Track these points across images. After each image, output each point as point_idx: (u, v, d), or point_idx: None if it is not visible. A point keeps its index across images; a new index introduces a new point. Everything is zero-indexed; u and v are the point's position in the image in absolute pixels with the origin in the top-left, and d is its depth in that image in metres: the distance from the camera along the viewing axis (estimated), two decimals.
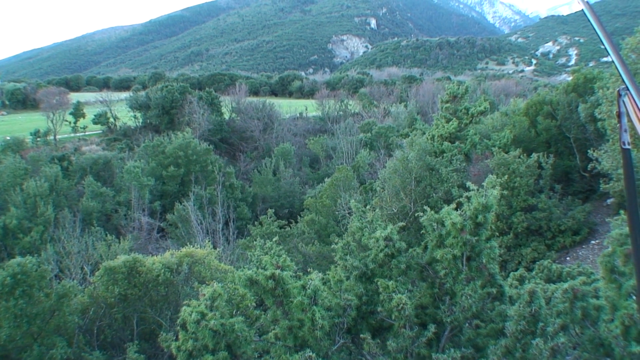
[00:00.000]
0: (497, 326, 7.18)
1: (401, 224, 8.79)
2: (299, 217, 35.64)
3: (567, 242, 23.33)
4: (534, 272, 14.99)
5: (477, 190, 7.09)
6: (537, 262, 15.96)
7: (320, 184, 43.01)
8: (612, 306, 7.03)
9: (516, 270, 17.47)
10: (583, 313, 7.00)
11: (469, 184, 7.18)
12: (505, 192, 23.45)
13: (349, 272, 8.43)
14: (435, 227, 7.49)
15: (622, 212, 10.37)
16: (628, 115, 1.78)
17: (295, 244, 27.23)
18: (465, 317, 7.18)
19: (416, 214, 9.78)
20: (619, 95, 1.76)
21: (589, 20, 1.93)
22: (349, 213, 27.32)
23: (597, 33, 1.90)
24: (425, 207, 7.71)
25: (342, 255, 8.62)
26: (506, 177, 22.96)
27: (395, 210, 24.68)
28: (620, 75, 1.79)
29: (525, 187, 23.63)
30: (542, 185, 25.02)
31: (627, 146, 1.83)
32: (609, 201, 24.94)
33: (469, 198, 7.15)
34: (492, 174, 8.02)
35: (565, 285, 7.35)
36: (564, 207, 24.49)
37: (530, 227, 23.74)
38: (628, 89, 1.72)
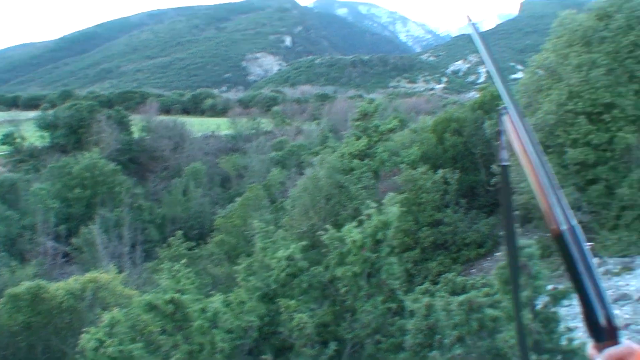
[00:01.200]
0: (396, 340, 7.33)
1: (303, 242, 8.87)
2: (209, 238, 35.27)
3: (472, 255, 23.96)
4: (439, 286, 15.34)
5: (377, 207, 7.24)
6: (443, 276, 16.33)
7: (231, 204, 42.75)
8: (508, 317, 7.28)
9: (422, 284, 17.83)
10: (479, 324, 7.22)
11: (368, 202, 7.34)
12: (412, 207, 23.93)
13: (251, 293, 8.43)
14: (337, 245, 7.60)
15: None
16: (508, 134, 1.89)
17: (204, 266, 26.94)
18: (366, 333, 7.30)
19: (317, 233, 9.89)
20: (499, 114, 1.88)
21: (474, 42, 2.07)
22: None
23: (481, 54, 2.03)
24: (326, 226, 7.82)
25: (244, 277, 8.62)
26: (413, 192, 23.47)
27: (305, 229, 24.77)
28: (501, 95, 1.91)
29: (432, 202, 24.17)
30: (448, 200, 25.61)
31: (505, 163, 1.96)
32: (515, 214, 25.73)
33: (369, 215, 7.29)
34: (396, 191, 8.21)
35: (462, 298, 7.57)
36: (469, 221, 25.14)
37: (436, 242, 24.26)
38: (507, 109, 1.84)
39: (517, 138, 1.75)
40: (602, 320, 1.45)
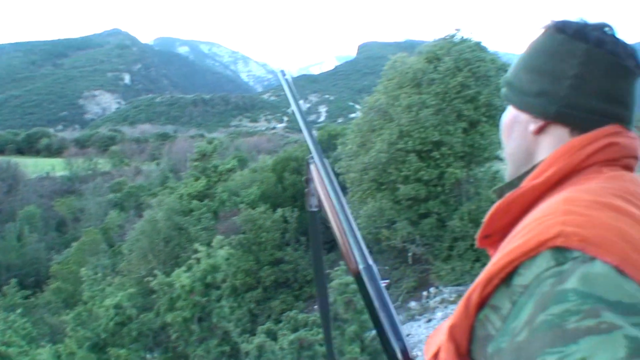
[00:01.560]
0: None
1: (131, 290, 8.61)
2: (45, 285, 33.63)
3: (314, 292, 24.25)
4: (282, 324, 15.38)
5: (206, 251, 7.17)
6: (285, 314, 16.41)
7: (68, 249, 40.99)
8: (339, 351, 7.39)
9: (264, 324, 17.80)
10: None
11: (196, 245, 7.25)
12: (253, 247, 23.98)
13: (81, 343, 8.08)
14: (166, 290, 7.45)
15: (342, 262, 11.00)
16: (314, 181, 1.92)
17: (41, 315, 25.63)
18: None
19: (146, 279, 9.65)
20: (308, 164, 1.90)
21: (285, 92, 2.07)
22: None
23: (291, 104, 2.04)
24: (156, 271, 7.64)
25: (73, 326, 8.26)
26: (253, 232, 23.55)
27: (144, 273, 24.13)
28: (309, 145, 1.93)
29: (272, 241, 24.33)
30: (289, 239, 25.90)
31: (313, 209, 1.98)
32: None
33: (198, 260, 7.21)
34: (236, 231, 8.16)
35: (292, 337, 7.62)
36: (310, 258, 25.47)
37: (278, 280, 24.40)
38: (312, 158, 1.87)
39: (321, 185, 1.79)
40: (399, 355, 1.48)
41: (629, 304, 0.91)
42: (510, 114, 1.45)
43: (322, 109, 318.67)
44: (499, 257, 1.11)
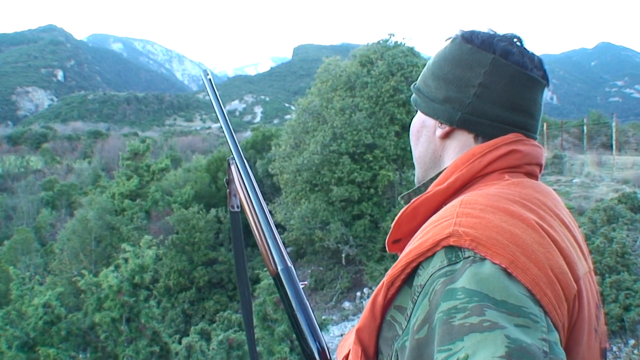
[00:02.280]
0: None
1: (60, 289, 8.55)
2: None
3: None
4: (215, 324, 15.36)
5: (134, 251, 7.18)
6: (219, 314, 16.39)
7: (0, 247, 39.93)
8: (269, 351, 7.48)
9: (198, 324, 17.73)
10: None
11: (124, 245, 7.25)
12: (186, 247, 23.83)
13: (10, 343, 8.00)
14: (94, 290, 7.43)
15: None
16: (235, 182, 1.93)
17: None
18: None
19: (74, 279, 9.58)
20: (229, 164, 1.93)
21: (208, 92, 2.09)
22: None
23: (213, 105, 2.06)
24: (83, 271, 7.62)
25: (2, 326, 8.16)
26: (186, 232, 23.42)
27: (75, 273, 23.75)
28: (230, 146, 1.96)
29: (206, 241, 24.21)
30: (222, 239, 25.82)
31: (235, 209, 1.98)
32: (288, 250, 26.37)
33: (126, 259, 7.21)
34: (169, 231, 8.17)
35: (221, 336, 7.68)
36: (232, 258, 25.45)
37: (212, 280, 24.29)
38: (233, 159, 1.89)
39: (241, 187, 1.85)
40: (316, 354, 1.54)
41: (513, 305, 0.94)
42: (418, 119, 1.49)
43: (258, 110, 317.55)
44: (399, 260, 1.17)
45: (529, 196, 1.20)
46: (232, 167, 1.86)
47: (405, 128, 21.82)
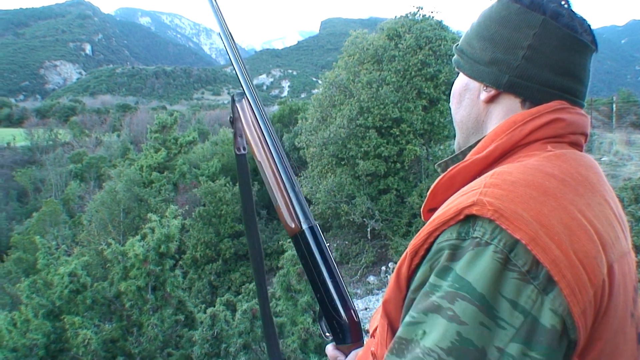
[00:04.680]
0: (185, 352, 7.36)
1: (85, 258, 8.67)
2: (5, 255, 33.23)
3: (274, 265, 24.35)
4: (241, 296, 15.50)
5: (159, 220, 7.24)
6: (244, 286, 16.53)
7: (29, 220, 40.47)
8: (292, 322, 7.53)
9: (224, 295, 17.91)
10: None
11: (150, 214, 7.32)
12: (213, 219, 23.99)
13: (36, 311, 8.14)
14: (120, 259, 7.52)
15: None
16: (243, 121, 1.75)
17: (2, 285, 25.39)
18: (155, 347, 7.25)
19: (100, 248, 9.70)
20: (234, 100, 1.84)
21: (215, 16, 1.96)
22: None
23: (220, 36, 1.95)
24: (110, 239, 7.71)
25: (28, 294, 8.30)
26: (213, 204, 23.57)
27: (103, 244, 24.03)
28: (239, 81, 1.85)
29: (232, 214, 24.33)
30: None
31: (241, 152, 1.87)
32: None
33: (152, 229, 7.28)
34: (196, 203, 8.22)
35: (245, 306, 7.72)
36: (270, 231, 25.60)
37: (238, 253, 24.46)
38: (245, 94, 1.79)
39: (255, 128, 1.74)
40: (345, 320, 1.52)
41: (488, 304, 0.96)
42: (461, 82, 1.44)
43: (285, 84, 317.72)
44: (422, 229, 1.16)
45: (569, 170, 1.16)
46: (238, 105, 1.79)
47: (433, 102, 21.69)
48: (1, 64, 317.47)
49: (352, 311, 1.55)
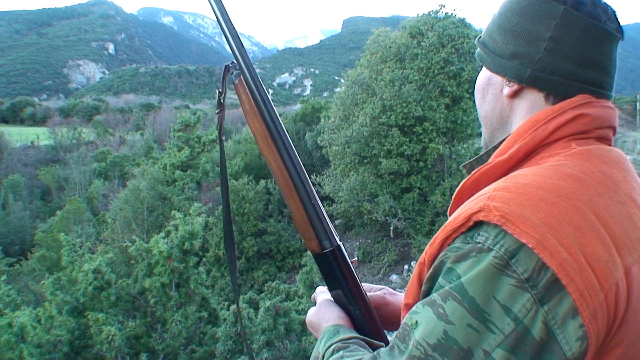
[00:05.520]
0: (209, 348, 7.39)
1: (109, 255, 8.73)
2: (30, 253, 33.57)
3: (297, 263, 24.41)
4: (263, 294, 15.55)
5: (184, 218, 7.28)
6: (267, 284, 16.57)
7: (53, 218, 40.84)
8: None
9: (247, 293, 17.97)
10: (286, 328, 7.43)
11: (174, 212, 7.36)
12: (236, 217, 24.05)
13: (61, 307, 8.21)
14: (144, 256, 7.56)
15: None
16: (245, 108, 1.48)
17: (26, 282, 25.67)
18: (179, 343, 7.29)
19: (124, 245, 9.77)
20: (223, 77, 1.62)
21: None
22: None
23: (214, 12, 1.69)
24: (134, 237, 7.76)
25: (53, 291, 8.37)
26: (236, 203, 23.65)
27: (127, 242, 24.18)
28: (231, 50, 1.52)
29: (255, 212, 24.41)
30: (272, 210, 26.01)
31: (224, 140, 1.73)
32: (337, 222, 26.42)
33: (176, 226, 7.31)
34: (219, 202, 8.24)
35: (268, 303, 7.73)
36: (292, 229, 25.63)
37: (261, 251, 24.52)
38: (244, 71, 1.49)
39: (257, 115, 1.53)
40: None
41: (477, 307, 0.96)
42: (484, 76, 1.39)
43: (307, 83, 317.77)
44: (435, 236, 1.16)
45: (590, 169, 1.12)
46: (236, 84, 1.54)
47: (456, 100, 21.60)
48: (25, 64, 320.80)
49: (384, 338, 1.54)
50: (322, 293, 1.64)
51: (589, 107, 1.20)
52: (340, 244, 1.50)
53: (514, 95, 1.29)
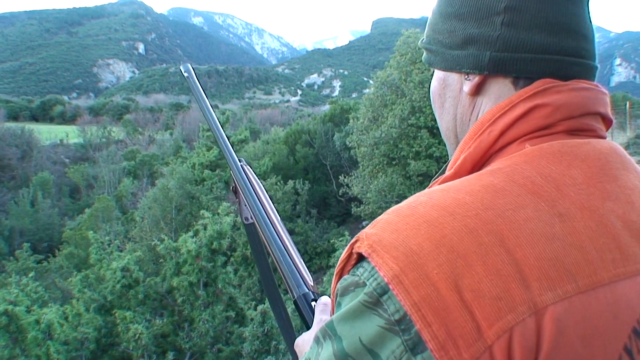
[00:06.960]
0: (236, 348, 7.38)
1: (137, 253, 8.77)
2: (57, 250, 33.92)
3: (324, 264, 24.44)
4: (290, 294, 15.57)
5: (212, 217, 7.29)
6: None
7: (81, 215, 41.23)
8: None
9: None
10: None
11: (203, 211, 7.36)
12: None
13: (88, 305, 8.26)
14: (173, 255, 7.58)
15: (346, 233, 10.96)
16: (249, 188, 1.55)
17: (54, 279, 25.94)
18: (205, 342, 7.30)
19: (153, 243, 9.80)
20: (234, 171, 1.65)
21: (191, 90, 1.77)
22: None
23: (198, 101, 1.66)
24: (163, 235, 7.79)
25: (80, 288, 8.43)
26: None
27: (156, 240, 24.33)
28: (226, 159, 1.67)
29: (283, 212, 24.47)
30: (299, 211, 26.06)
31: (249, 221, 1.56)
32: (365, 223, 26.36)
33: (204, 226, 7.32)
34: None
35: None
36: (320, 230, 25.67)
37: None
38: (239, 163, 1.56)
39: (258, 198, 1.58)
40: None
41: (343, 349, 0.78)
42: (437, 80, 1.12)
43: (336, 84, 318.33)
44: (336, 266, 0.97)
45: (528, 174, 0.85)
46: (244, 171, 1.59)
47: None
48: (55, 62, 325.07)
49: None
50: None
51: (548, 94, 0.93)
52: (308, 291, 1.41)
53: (477, 90, 1.02)
